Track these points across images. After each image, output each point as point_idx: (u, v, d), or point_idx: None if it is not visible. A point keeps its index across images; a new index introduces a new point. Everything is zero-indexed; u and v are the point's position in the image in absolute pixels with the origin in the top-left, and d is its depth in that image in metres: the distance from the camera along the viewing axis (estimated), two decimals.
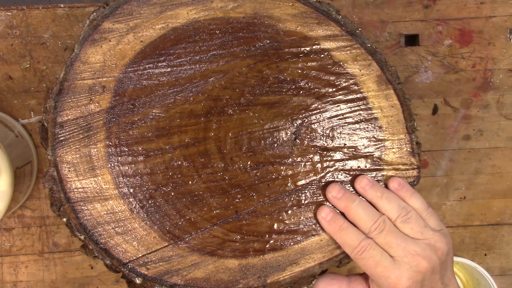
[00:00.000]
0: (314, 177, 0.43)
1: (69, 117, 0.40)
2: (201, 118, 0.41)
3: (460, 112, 0.57)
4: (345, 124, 0.43)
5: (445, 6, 0.56)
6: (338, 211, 0.41)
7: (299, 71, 0.42)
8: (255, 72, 0.42)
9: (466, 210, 0.58)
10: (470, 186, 0.58)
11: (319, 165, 0.43)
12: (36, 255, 0.55)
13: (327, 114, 0.43)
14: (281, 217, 0.42)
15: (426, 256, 0.39)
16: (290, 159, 0.42)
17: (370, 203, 0.41)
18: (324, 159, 0.43)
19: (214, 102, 0.41)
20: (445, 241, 0.40)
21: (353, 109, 0.43)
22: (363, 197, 0.42)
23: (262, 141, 0.42)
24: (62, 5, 0.54)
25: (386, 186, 0.43)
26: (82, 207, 0.40)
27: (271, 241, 0.42)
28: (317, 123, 0.43)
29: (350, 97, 0.43)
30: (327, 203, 0.42)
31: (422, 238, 0.40)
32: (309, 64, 0.42)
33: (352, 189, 0.42)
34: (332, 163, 0.43)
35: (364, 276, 0.43)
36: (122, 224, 0.40)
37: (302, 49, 0.42)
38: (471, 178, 0.58)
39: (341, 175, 0.43)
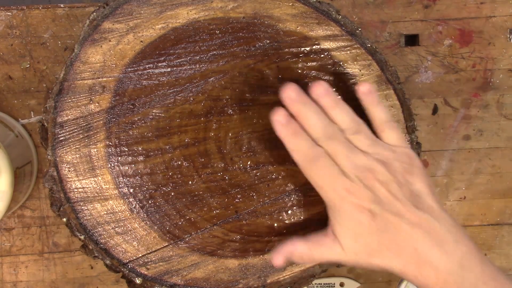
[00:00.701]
0: None
1: (69, 117, 0.40)
2: (201, 118, 0.41)
3: (460, 112, 0.57)
4: None
5: (445, 6, 0.56)
6: None
7: (299, 71, 0.42)
8: (255, 72, 0.42)
9: (466, 210, 0.58)
10: (470, 186, 0.58)
11: None
12: (36, 255, 0.55)
13: None
14: (281, 217, 0.42)
15: (373, 169, 0.37)
16: (290, 159, 0.42)
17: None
18: None
19: (214, 102, 0.41)
20: (398, 157, 0.38)
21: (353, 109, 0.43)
22: (317, 104, 0.39)
23: (262, 141, 0.42)
24: (62, 5, 0.54)
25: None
26: (82, 207, 0.40)
27: (271, 241, 0.42)
28: None
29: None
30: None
31: (371, 152, 0.38)
32: (309, 64, 0.42)
33: None
34: None
35: (322, 230, 0.41)
36: (122, 224, 0.40)
37: (302, 49, 0.42)
38: (471, 178, 0.58)
39: None
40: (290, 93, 0.38)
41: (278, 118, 0.38)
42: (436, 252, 0.36)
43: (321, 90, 0.39)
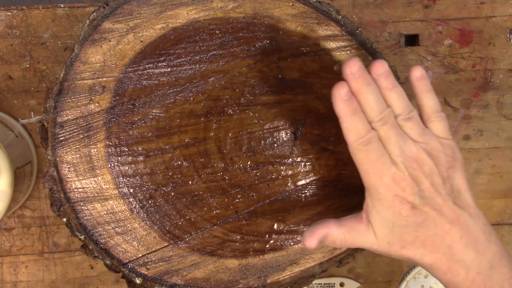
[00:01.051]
0: (314, 177, 0.43)
1: (69, 117, 0.40)
2: (201, 118, 0.41)
3: (460, 112, 0.57)
4: None
5: (445, 6, 0.56)
6: None
7: (299, 71, 0.42)
8: (255, 72, 0.42)
9: None
10: (470, 186, 0.58)
11: (319, 165, 0.43)
12: (36, 255, 0.55)
13: (327, 114, 0.43)
14: (281, 217, 0.42)
15: (421, 160, 0.37)
16: (290, 159, 0.42)
17: None
18: (324, 159, 0.43)
19: (214, 102, 0.41)
20: (444, 150, 0.38)
21: None
22: (376, 84, 0.38)
23: (262, 141, 0.42)
24: (62, 5, 0.54)
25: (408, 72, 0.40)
26: (82, 207, 0.40)
27: (271, 241, 0.42)
28: (317, 123, 0.43)
29: None
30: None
31: (420, 141, 0.37)
32: (309, 64, 0.42)
33: None
34: (332, 162, 0.43)
35: (356, 214, 0.40)
36: (122, 224, 0.40)
37: (302, 49, 0.42)
38: (471, 178, 0.58)
39: (342, 171, 0.43)
40: (354, 68, 0.36)
41: (341, 93, 0.35)
42: (470, 252, 0.36)
43: (382, 70, 0.37)
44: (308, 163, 0.43)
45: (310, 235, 0.38)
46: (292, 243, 0.42)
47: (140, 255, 0.40)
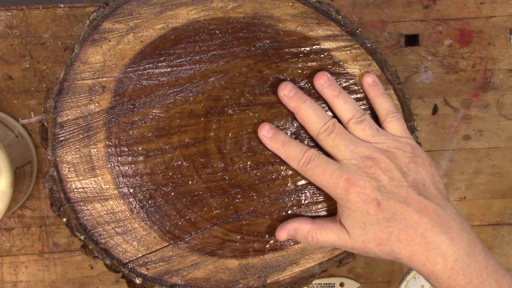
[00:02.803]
0: None
1: (69, 117, 0.40)
2: (201, 118, 0.41)
3: (460, 112, 0.57)
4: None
5: (445, 6, 0.56)
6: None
7: (299, 71, 0.42)
8: (255, 72, 0.42)
9: (466, 210, 0.58)
10: (470, 186, 0.58)
11: None
12: (36, 255, 0.55)
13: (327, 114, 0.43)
14: (281, 217, 0.42)
15: (375, 158, 0.37)
16: None
17: (326, 102, 0.41)
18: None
19: (214, 102, 0.41)
20: (401, 147, 0.38)
21: None
22: (321, 95, 0.41)
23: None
24: (62, 5, 0.54)
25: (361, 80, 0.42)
26: (82, 207, 0.40)
27: (271, 241, 0.42)
28: None
29: None
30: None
31: (373, 142, 0.38)
32: (309, 64, 0.42)
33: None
34: None
35: (330, 217, 0.41)
36: (122, 224, 0.40)
37: (302, 49, 0.42)
38: (471, 178, 0.58)
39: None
40: (286, 90, 0.39)
41: (264, 133, 0.39)
42: (444, 239, 0.36)
43: (325, 79, 0.40)
44: None
45: (281, 228, 0.40)
46: (292, 243, 0.42)
47: (140, 255, 0.40)
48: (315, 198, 0.42)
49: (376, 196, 0.37)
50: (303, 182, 0.42)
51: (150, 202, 0.40)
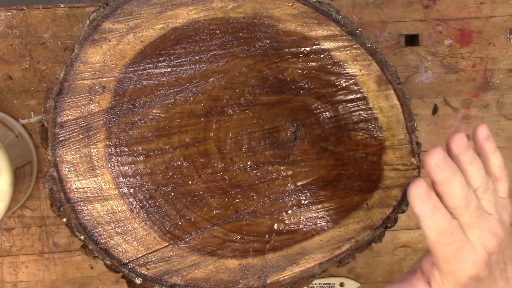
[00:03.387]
0: (314, 177, 0.43)
1: (69, 117, 0.40)
2: (201, 118, 0.41)
3: (460, 112, 0.57)
4: (345, 125, 0.43)
5: (445, 6, 0.56)
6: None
7: (299, 71, 0.42)
8: (255, 72, 0.42)
9: None
10: None
11: (319, 165, 0.43)
12: (36, 255, 0.55)
13: (327, 114, 0.43)
14: (281, 217, 0.42)
15: (496, 234, 0.36)
16: (290, 159, 0.42)
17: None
18: (324, 159, 0.43)
19: (214, 102, 0.41)
20: (509, 213, 0.38)
21: (353, 109, 0.43)
22: (454, 158, 0.36)
23: (262, 141, 0.42)
24: (62, 5, 0.54)
25: (472, 133, 0.38)
26: (82, 207, 0.40)
27: (271, 241, 0.42)
28: (317, 123, 0.43)
29: (350, 97, 0.43)
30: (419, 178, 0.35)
31: (494, 213, 0.37)
32: (309, 64, 0.42)
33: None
34: (332, 162, 0.43)
35: (422, 275, 0.40)
36: (122, 224, 0.40)
37: (302, 49, 0.42)
38: None
39: (342, 171, 0.43)
40: (438, 158, 0.34)
41: (419, 192, 0.34)
42: None
43: (463, 144, 0.36)
44: (308, 163, 0.43)
45: None
46: (292, 243, 0.42)
47: (140, 255, 0.40)
48: (315, 198, 0.42)
49: (483, 276, 0.36)
50: (303, 182, 0.42)
51: (150, 202, 0.40)
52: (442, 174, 0.34)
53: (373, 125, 0.44)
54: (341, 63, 0.43)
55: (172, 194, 0.41)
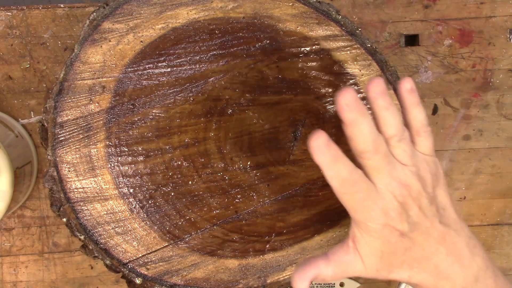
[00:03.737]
0: (314, 177, 0.43)
1: (69, 117, 0.40)
2: (201, 118, 0.41)
3: (460, 112, 0.57)
4: None
5: (445, 6, 0.56)
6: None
7: (299, 71, 0.42)
8: (255, 72, 0.42)
9: (466, 210, 0.58)
10: (470, 186, 0.58)
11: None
12: (36, 255, 0.55)
13: (327, 114, 0.43)
14: (281, 217, 0.42)
15: (409, 186, 0.35)
16: (290, 159, 0.42)
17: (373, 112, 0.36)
18: None
19: (214, 102, 0.41)
20: (430, 169, 0.37)
21: None
22: (370, 103, 0.36)
23: (262, 141, 0.42)
24: (62, 5, 0.54)
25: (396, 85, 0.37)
26: (82, 207, 0.40)
27: (271, 241, 0.42)
28: (317, 123, 0.43)
29: None
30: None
31: (409, 164, 0.36)
32: (309, 64, 0.42)
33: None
34: None
35: (342, 244, 0.39)
36: (122, 224, 0.40)
37: (302, 49, 0.42)
38: (471, 178, 0.58)
39: None
40: (348, 98, 0.33)
41: (318, 143, 0.33)
42: (456, 268, 0.36)
43: (380, 88, 0.35)
44: (308, 163, 0.43)
45: (300, 277, 0.36)
46: (292, 243, 0.42)
47: (140, 255, 0.40)
48: (315, 198, 0.42)
49: (403, 228, 0.35)
50: (303, 182, 0.42)
51: (150, 202, 0.40)
52: (351, 114, 0.33)
53: None
54: (341, 63, 0.43)
55: (172, 194, 0.41)
